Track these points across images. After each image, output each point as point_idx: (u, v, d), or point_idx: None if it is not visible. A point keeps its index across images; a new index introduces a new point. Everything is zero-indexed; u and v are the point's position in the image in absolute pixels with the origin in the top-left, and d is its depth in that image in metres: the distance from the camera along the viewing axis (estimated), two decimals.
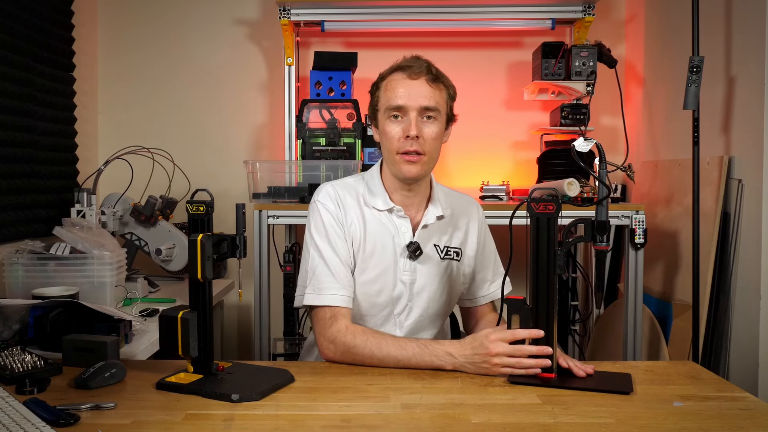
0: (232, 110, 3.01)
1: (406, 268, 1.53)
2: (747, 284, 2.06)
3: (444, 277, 1.57)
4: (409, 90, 1.46)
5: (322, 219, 1.52)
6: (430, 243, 1.56)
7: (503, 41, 3.00)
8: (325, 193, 1.55)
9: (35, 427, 1.01)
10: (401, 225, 1.53)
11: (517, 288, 1.43)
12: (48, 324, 1.53)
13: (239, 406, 1.16)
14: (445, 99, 1.51)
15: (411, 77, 1.47)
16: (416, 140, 1.45)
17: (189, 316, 1.26)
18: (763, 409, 1.15)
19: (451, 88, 1.54)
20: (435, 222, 1.56)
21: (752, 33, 2.06)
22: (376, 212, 1.54)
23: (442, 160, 2.98)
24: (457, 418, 1.11)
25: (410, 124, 1.45)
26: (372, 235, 1.52)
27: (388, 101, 1.48)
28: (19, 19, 2.27)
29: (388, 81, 1.50)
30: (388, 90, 1.49)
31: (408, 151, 1.46)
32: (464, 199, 1.67)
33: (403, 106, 1.46)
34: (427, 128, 1.47)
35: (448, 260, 1.58)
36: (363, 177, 1.60)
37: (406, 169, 1.47)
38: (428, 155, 1.48)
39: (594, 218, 1.31)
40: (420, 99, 1.46)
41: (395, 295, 1.53)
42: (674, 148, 2.59)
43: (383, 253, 1.52)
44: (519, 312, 1.30)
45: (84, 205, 2.23)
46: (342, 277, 1.47)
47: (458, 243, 1.60)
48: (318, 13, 2.72)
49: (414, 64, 1.48)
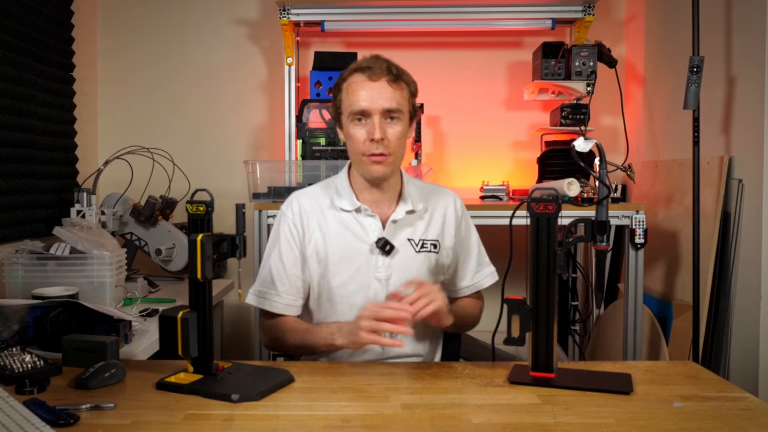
0: (232, 110, 3.01)
1: (379, 265, 1.54)
2: (747, 284, 2.06)
3: (422, 270, 1.57)
4: (370, 93, 1.46)
5: (279, 228, 1.59)
6: (403, 237, 1.56)
7: (503, 41, 3.00)
8: (288, 203, 1.61)
9: (35, 427, 1.01)
10: (369, 224, 1.55)
11: (517, 288, 1.43)
12: (48, 324, 1.52)
13: (239, 406, 1.16)
14: (406, 98, 1.51)
15: (371, 79, 1.47)
16: (381, 142, 1.47)
17: (189, 316, 1.26)
18: (763, 409, 1.15)
19: (412, 85, 1.54)
20: (406, 216, 1.56)
21: (752, 33, 2.06)
22: (344, 214, 1.56)
23: (442, 160, 3.00)
24: (457, 418, 1.11)
25: (374, 127, 1.46)
26: (337, 238, 1.55)
27: (351, 105, 1.49)
28: (19, 19, 2.27)
29: (349, 83, 1.50)
30: (350, 93, 1.49)
31: (373, 153, 1.48)
32: (440, 192, 1.67)
33: (366, 109, 1.47)
34: (391, 129, 1.48)
35: (425, 253, 1.58)
36: (333, 180, 1.63)
37: (373, 169, 1.50)
38: (394, 155, 1.50)
39: (594, 218, 1.31)
40: (381, 101, 1.46)
41: (371, 294, 1.54)
42: (674, 148, 2.59)
43: (353, 255, 1.54)
44: (519, 312, 1.30)
45: (84, 205, 2.24)
46: (279, 285, 1.55)
47: (435, 235, 1.60)
48: (318, 13, 2.72)
49: (374, 65, 1.48)
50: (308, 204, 1.59)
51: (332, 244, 1.55)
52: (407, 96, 1.51)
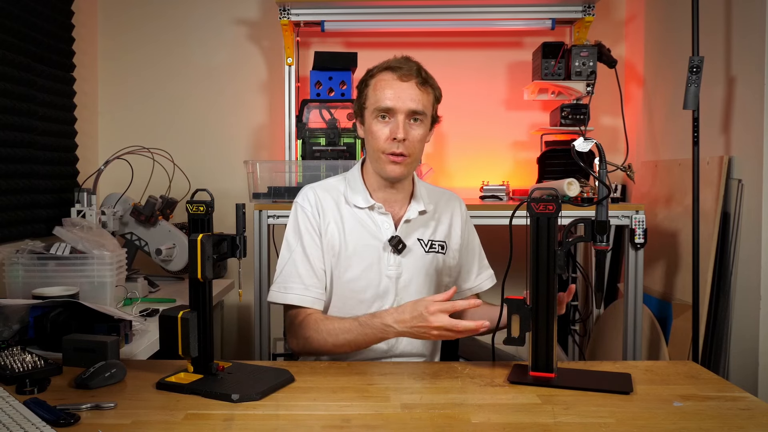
0: (232, 110, 3.01)
1: (390, 262, 1.55)
2: (747, 284, 2.06)
3: (430, 270, 1.59)
4: (398, 92, 1.47)
5: (298, 221, 1.57)
6: (414, 237, 1.58)
7: (503, 41, 3.00)
8: (304, 195, 1.59)
9: (35, 427, 1.01)
10: (383, 221, 1.56)
11: (517, 288, 1.43)
12: (48, 324, 1.53)
13: (239, 406, 1.16)
14: (431, 102, 1.53)
15: (401, 79, 1.48)
16: (402, 143, 1.48)
17: (189, 316, 1.26)
18: (763, 409, 1.15)
19: (438, 91, 1.55)
20: (417, 217, 1.58)
21: (752, 33, 2.06)
22: (358, 210, 1.57)
23: (442, 159, 3.00)
24: (457, 418, 1.11)
25: (398, 126, 1.47)
26: (352, 233, 1.55)
27: (377, 101, 1.49)
28: (19, 19, 2.27)
29: (378, 80, 1.51)
30: (378, 90, 1.50)
31: (394, 153, 1.48)
32: (446, 195, 1.70)
33: (392, 108, 1.47)
34: (413, 131, 1.49)
35: (434, 253, 1.60)
36: (345, 176, 1.64)
37: (391, 169, 1.50)
38: (412, 157, 1.51)
39: (594, 218, 1.32)
40: (409, 102, 1.47)
41: (381, 291, 1.55)
42: (674, 148, 2.59)
43: (366, 251, 1.55)
44: (519, 312, 1.30)
45: (84, 205, 2.23)
46: (307, 278, 1.52)
47: (443, 236, 1.63)
48: (318, 13, 2.72)
49: (405, 66, 1.49)
50: (324, 196, 1.59)
51: (346, 239, 1.55)
52: (432, 101, 1.53)
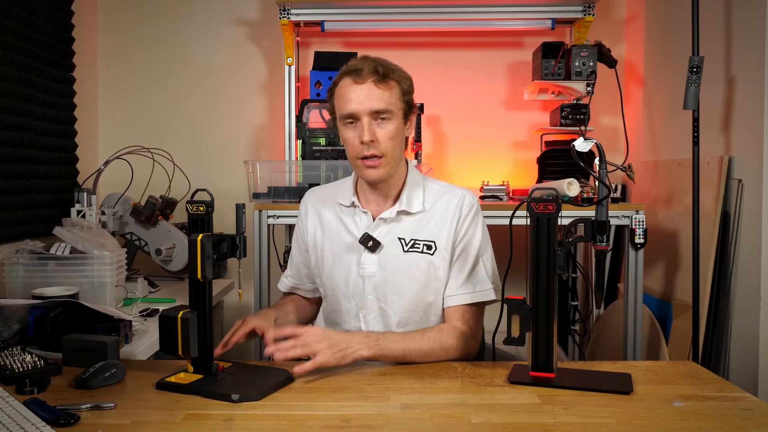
0: (232, 110, 3.01)
1: (365, 261, 1.53)
2: (747, 284, 2.06)
3: (414, 271, 1.52)
4: (357, 96, 1.45)
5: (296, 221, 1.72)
6: (393, 236, 1.54)
7: (503, 41, 3.00)
8: (303, 197, 1.71)
9: (35, 427, 1.01)
10: (361, 220, 1.57)
11: (517, 288, 1.43)
12: (48, 324, 1.53)
13: (239, 406, 1.16)
14: (397, 96, 1.48)
15: (357, 82, 1.46)
16: (371, 144, 1.46)
17: (189, 316, 1.26)
18: (763, 409, 1.15)
19: (404, 82, 1.50)
20: (397, 216, 1.54)
21: (752, 33, 2.06)
22: (344, 209, 1.60)
23: (442, 160, 3.00)
24: (457, 418, 1.11)
25: (363, 129, 1.45)
26: (331, 232, 1.60)
27: (341, 109, 1.49)
28: (19, 19, 2.27)
29: (339, 87, 1.50)
30: (339, 97, 1.49)
31: (366, 156, 1.47)
32: (451, 192, 1.58)
33: (354, 112, 1.46)
34: (381, 129, 1.47)
35: (416, 253, 1.52)
36: (346, 178, 1.68)
37: (368, 173, 1.50)
38: (387, 156, 1.48)
39: (594, 218, 1.31)
40: (368, 103, 1.45)
41: (353, 289, 1.54)
42: (674, 148, 2.59)
43: (343, 249, 1.57)
44: (519, 312, 1.30)
45: (84, 205, 2.23)
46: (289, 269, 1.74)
47: (431, 236, 1.53)
48: (318, 13, 2.72)
49: (361, 67, 1.46)
50: (316, 198, 1.67)
51: (326, 237, 1.60)
52: (398, 94, 1.48)
